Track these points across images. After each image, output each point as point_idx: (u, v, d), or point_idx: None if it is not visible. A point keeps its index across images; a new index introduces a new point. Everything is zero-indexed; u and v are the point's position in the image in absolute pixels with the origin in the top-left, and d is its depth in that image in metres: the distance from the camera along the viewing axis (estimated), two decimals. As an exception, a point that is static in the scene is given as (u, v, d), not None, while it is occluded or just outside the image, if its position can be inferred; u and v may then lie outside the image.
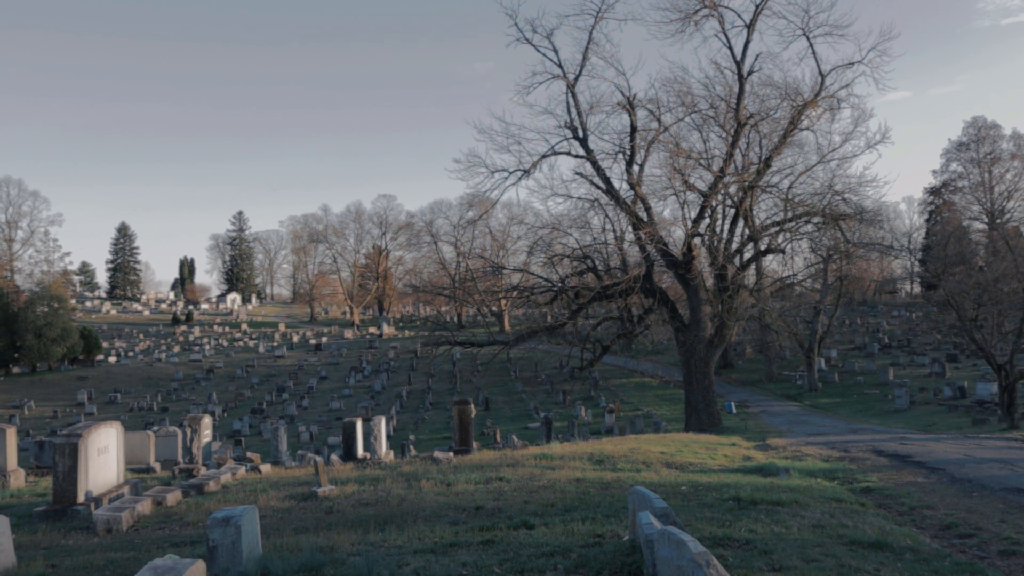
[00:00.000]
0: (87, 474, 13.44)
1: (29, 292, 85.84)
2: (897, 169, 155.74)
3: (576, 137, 32.36)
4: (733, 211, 33.39)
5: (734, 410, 38.95)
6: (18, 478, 18.60)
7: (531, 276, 37.79)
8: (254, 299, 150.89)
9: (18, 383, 74.65)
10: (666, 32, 40.17)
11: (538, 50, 32.47)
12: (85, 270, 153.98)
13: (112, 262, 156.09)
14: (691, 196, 33.25)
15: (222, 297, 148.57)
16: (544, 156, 32.29)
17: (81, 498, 13.15)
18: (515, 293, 39.27)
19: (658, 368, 61.30)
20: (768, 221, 33.97)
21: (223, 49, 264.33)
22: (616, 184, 32.82)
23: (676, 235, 35.45)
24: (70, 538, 11.31)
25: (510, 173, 32.35)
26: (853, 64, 31.48)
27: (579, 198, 34.20)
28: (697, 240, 33.06)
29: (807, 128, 32.83)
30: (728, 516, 9.80)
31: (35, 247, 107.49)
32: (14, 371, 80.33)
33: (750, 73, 32.39)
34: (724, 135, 33.25)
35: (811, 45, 31.51)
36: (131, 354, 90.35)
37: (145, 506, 13.02)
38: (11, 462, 18.67)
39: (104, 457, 14.25)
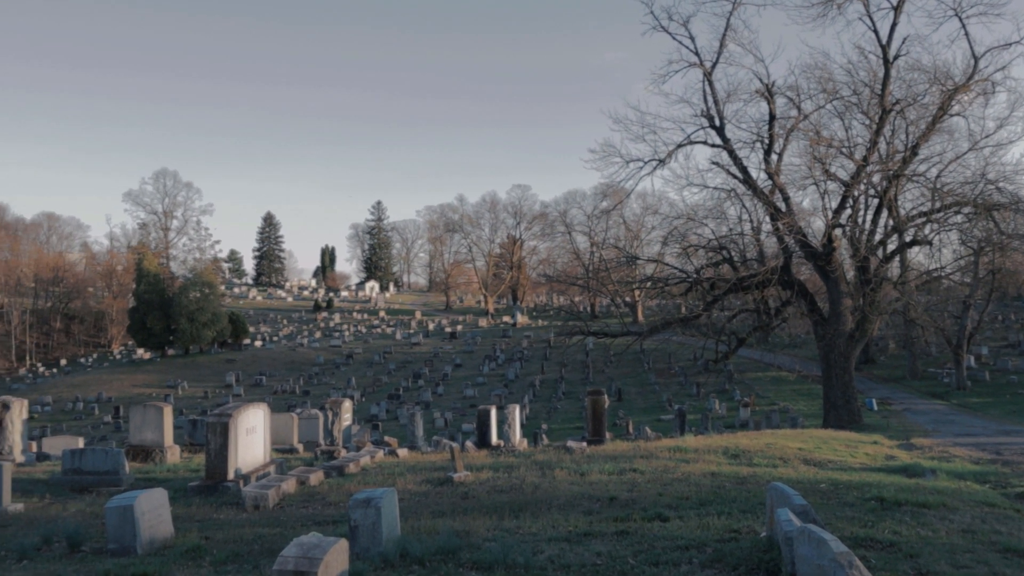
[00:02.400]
0: (236, 452, 14.07)
1: (183, 278, 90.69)
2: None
3: (712, 126, 31.85)
4: (876, 201, 32.24)
5: (875, 407, 37.66)
6: (174, 454, 19.64)
7: (665, 267, 37.39)
8: (391, 287, 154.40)
9: (172, 364, 78.84)
10: (807, 17, 39.03)
11: (674, 38, 32.08)
12: (233, 257, 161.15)
13: (258, 250, 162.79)
14: (832, 185, 32.32)
15: (361, 285, 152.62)
16: (680, 145, 31.91)
17: (231, 475, 13.79)
18: (649, 284, 38.94)
19: (795, 362, 59.70)
20: (914, 211, 32.65)
21: (361, 36, 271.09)
22: (753, 173, 32.19)
23: (815, 226, 34.53)
24: (221, 512, 11.89)
25: (645, 163, 32.10)
26: (1010, 45, 29.85)
27: (715, 188, 33.69)
28: (838, 231, 32.09)
29: (958, 114, 31.33)
30: (870, 516, 9.52)
31: (188, 235, 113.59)
32: (169, 353, 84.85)
33: (896, 57, 31.14)
34: (867, 122, 32.13)
35: (963, 26, 30.04)
36: (275, 339, 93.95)
37: (289, 485, 13.56)
38: (167, 438, 19.73)
39: (252, 437, 14.89)
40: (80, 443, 28.71)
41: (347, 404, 22.91)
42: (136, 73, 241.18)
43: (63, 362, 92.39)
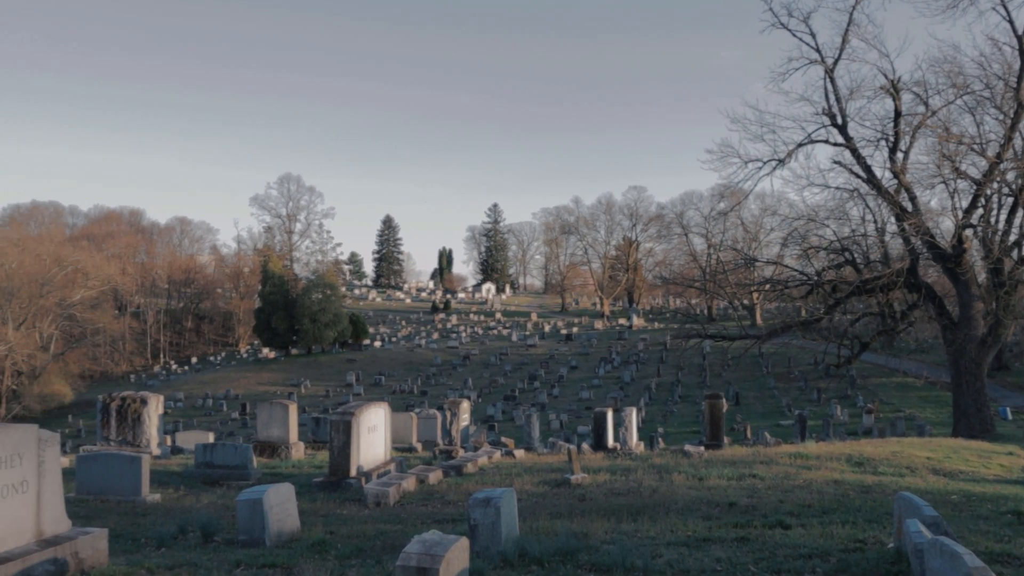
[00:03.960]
0: (358, 450, 14.46)
1: (306, 280, 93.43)
2: None
3: (834, 124, 31.03)
4: (1011, 199, 30.84)
5: (1009, 416, 36.03)
6: (298, 450, 20.29)
7: (785, 269, 36.59)
8: (507, 289, 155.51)
9: (295, 363, 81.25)
10: (935, 9, 37.68)
11: (794, 35, 31.38)
12: (354, 260, 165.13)
13: (377, 252, 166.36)
14: (962, 184, 31.04)
15: (477, 287, 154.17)
16: (800, 145, 31.22)
17: (353, 472, 14.17)
18: (768, 286, 38.22)
19: (922, 368, 57.53)
20: (1054, 210, 31.14)
21: (480, 40, 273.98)
22: (877, 172, 31.19)
23: (944, 226, 33.19)
24: (344, 508, 12.23)
25: (764, 163, 31.52)
26: None
27: (837, 188, 32.81)
28: (968, 231, 30.81)
29: (1102, 106, 29.71)
30: (1006, 531, 9.12)
31: (311, 238, 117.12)
32: (292, 352, 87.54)
33: (1033, 48, 29.73)
34: (1001, 117, 30.71)
35: (1108, 15, 28.47)
36: (394, 340, 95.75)
37: (409, 483, 13.84)
38: (293, 435, 20.40)
39: (373, 435, 15.27)
40: (210, 438, 29.96)
41: (465, 404, 23.23)
42: (259, 74, 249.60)
43: (194, 360, 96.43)
